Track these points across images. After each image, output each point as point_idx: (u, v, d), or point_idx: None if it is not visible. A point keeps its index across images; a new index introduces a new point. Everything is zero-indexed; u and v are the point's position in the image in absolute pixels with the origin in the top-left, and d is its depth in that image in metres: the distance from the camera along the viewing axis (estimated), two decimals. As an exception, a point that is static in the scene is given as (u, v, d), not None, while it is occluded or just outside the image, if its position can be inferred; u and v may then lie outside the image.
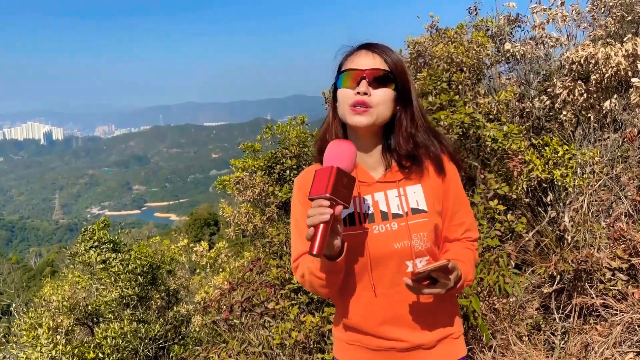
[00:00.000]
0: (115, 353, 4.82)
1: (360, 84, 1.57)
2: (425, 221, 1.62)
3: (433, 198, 1.65)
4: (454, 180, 1.69)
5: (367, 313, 1.64)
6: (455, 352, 1.70)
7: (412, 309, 1.63)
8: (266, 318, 3.74)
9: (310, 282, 1.62)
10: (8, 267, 29.93)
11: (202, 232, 37.88)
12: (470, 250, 1.72)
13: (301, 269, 1.65)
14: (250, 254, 7.06)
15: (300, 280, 1.68)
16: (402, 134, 1.63)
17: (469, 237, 1.73)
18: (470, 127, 4.08)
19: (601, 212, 4.17)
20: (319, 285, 1.59)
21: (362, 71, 1.57)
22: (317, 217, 1.40)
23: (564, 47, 5.35)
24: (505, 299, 3.68)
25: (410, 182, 1.65)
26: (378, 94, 1.57)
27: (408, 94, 1.63)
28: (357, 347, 1.70)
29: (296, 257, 1.69)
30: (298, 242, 1.70)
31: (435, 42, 5.26)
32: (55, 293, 6.37)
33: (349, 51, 1.67)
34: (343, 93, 1.60)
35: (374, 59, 1.60)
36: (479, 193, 3.85)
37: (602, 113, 4.80)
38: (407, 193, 1.64)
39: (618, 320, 3.39)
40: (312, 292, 1.70)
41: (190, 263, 9.54)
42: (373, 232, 1.60)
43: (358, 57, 1.62)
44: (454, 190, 1.69)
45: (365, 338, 1.67)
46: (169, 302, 6.55)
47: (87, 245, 5.84)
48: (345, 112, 1.60)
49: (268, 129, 6.34)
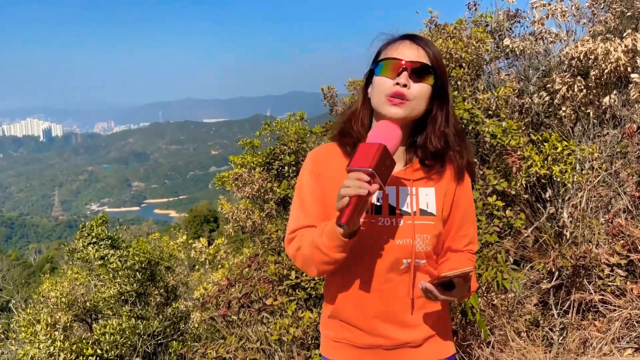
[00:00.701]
0: (113, 349, 4.82)
1: (401, 75, 1.52)
2: (431, 224, 1.60)
3: (443, 204, 1.63)
4: (467, 191, 1.68)
5: (359, 305, 1.61)
6: (442, 350, 1.68)
7: (403, 306, 1.61)
8: (264, 314, 3.73)
9: (309, 256, 1.54)
10: (7, 263, 29.89)
11: (201, 228, 37.90)
12: (471, 262, 1.71)
13: (298, 241, 1.59)
14: (250, 251, 7.07)
15: (293, 253, 1.61)
16: (436, 131, 1.59)
17: (471, 250, 1.73)
18: (469, 123, 4.06)
19: (600, 208, 4.16)
20: (321, 262, 1.51)
21: (405, 62, 1.53)
22: (354, 188, 1.36)
23: (564, 43, 5.33)
24: (503, 294, 3.68)
25: (424, 184, 1.62)
26: (417, 87, 1.53)
27: (445, 92, 1.60)
28: (344, 345, 1.67)
29: (294, 228, 1.62)
30: (299, 213, 1.64)
31: (434, 38, 5.24)
32: (53, 289, 6.36)
33: (389, 39, 1.62)
34: (381, 81, 1.55)
35: (417, 51, 1.55)
36: (478, 189, 3.84)
37: (602, 109, 4.79)
38: (419, 194, 1.61)
39: (616, 316, 3.39)
40: (303, 268, 1.59)
41: (190, 259, 9.54)
42: (378, 223, 1.57)
43: (402, 47, 1.56)
44: (466, 201, 1.68)
45: (352, 334, 1.64)
46: (168, 298, 6.55)
47: (86, 242, 5.83)
48: (381, 101, 1.55)
49: (267, 126, 6.33)
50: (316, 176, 1.64)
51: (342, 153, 1.65)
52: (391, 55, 1.56)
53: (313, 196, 1.63)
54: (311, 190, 1.64)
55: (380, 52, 1.62)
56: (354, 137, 1.63)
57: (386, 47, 1.60)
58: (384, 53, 1.59)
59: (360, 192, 1.36)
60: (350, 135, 1.65)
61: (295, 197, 1.69)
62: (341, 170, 1.54)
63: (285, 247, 1.66)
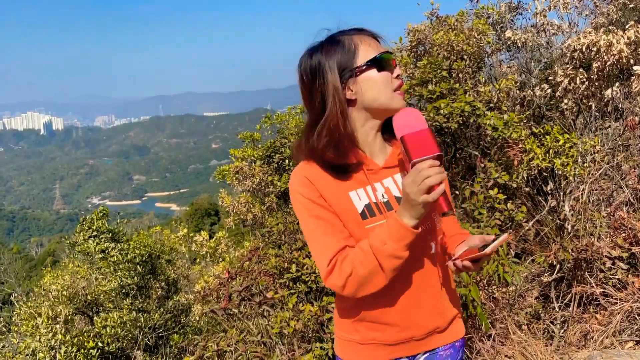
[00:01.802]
0: (114, 342, 4.83)
1: (397, 68, 1.54)
2: None
3: None
4: None
5: (392, 300, 1.55)
6: (461, 330, 1.72)
7: (431, 293, 1.60)
8: (265, 307, 3.73)
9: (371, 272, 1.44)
10: (9, 257, 30.01)
11: (202, 222, 37.96)
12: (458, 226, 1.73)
13: (346, 267, 1.46)
14: (250, 244, 7.07)
15: (342, 282, 1.46)
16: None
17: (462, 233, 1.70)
18: (470, 116, 4.04)
19: (602, 201, 4.15)
20: (392, 269, 1.43)
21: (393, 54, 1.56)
22: (438, 175, 1.33)
23: (566, 35, 5.30)
24: (504, 287, 3.67)
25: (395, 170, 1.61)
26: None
27: None
28: (374, 346, 1.60)
29: (331, 257, 1.48)
30: (326, 240, 1.50)
31: (435, 30, 5.20)
32: (55, 282, 6.37)
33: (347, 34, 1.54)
34: (387, 77, 1.52)
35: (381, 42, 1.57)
36: (479, 182, 3.83)
37: (604, 101, 4.76)
38: (397, 180, 1.60)
39: (618, 309, 3.39)
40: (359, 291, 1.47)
41: (191, 253, 9.55)
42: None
43: (372, 40, 1.54)
44: None
45: (383, 333, 1.58)
46: (169, 291, 6.56)
47: (86, 235, 5.84)
48: (390, 96, 1.52)
49: (267, 119, 6.31)
50: (319, 199, 1.53)
51: (321, 168, 1.55)
52: (376, 49, 1.52)
53: (328, 221, 1.52)
54: (322, 216, 1.53)
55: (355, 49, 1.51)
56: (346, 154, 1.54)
57: (359, 43, 1.52)
58: (362, 49, 1.51)
59: (443, 177, 1.35)
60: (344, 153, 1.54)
61: (308, 232, 1.55)
62: (335, 184, 1.52)
63: (327, 281, 1.50)
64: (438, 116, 4.03)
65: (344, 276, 1.45)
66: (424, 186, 1.33)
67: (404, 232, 1.40)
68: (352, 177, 1.55)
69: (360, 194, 1.54)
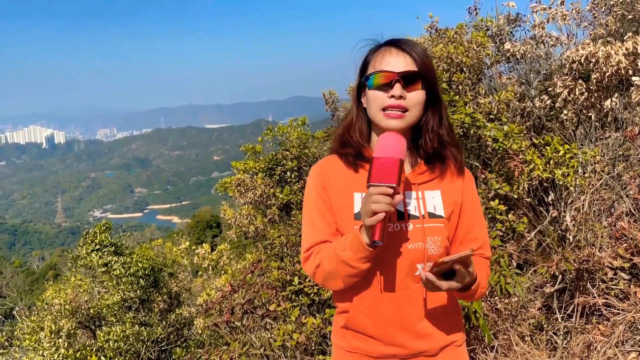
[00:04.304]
0: (117, 356, 4.82)
1: (395, 88, 1.52)
2: (441, 227, 1.59)
3: (452, 206, 1.63)
4: (471, 189, 1.68)
5: (374, 314, 1.59)
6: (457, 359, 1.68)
7: (418, 313, 1.59)
8: (267, 320, 3.73)
9: (333, 271, 1.53)
10: (11, 270, 29.96)
11: (204, 234, 37.88)
12: (483, 264, 1.67)
13: (316, 258, 1.58)
14: (252, 256, 7.06)
15: (312, 270, 1.60)
16: (429, 132, 1.61)
17: (482, 254, 1.69)
18: (470, 127, 4.07)
19: (603, 211, 4.16)
20: (348, 275, 1.51)
21: (396, 74, 1.52)
22: (384, 205, 1.39)
23: (565, 46, 5.34)
24: (507, 299, 3.67)
25: (430, 187, 1.62)
26: (412, 96, 1.54)
27: (436, 92, 1.61)
28: (359, 355, 1.64)
29: (308, 247, 1.62)
30: (310, 231, 1.63)
31: (434, 43, 5.25)
32: (57, 296, 6.37)
33: (374, 47, 1.61)
34: (375, 95, 1.55)
35: (405, 59, 1.54)
36: (480, 193, 3.84)
37: (603, 112, 4.79)
38: (426, 197, 1.61)
39: (620, 319, 3.38)
40: (325, 284, 1.60)
41: (193, 265, 9.53)
42: (388, 230, 1.53)
43: (389, 57, 1.55)
44: (471, 202, 1.67)
45: (367, 344, 1.61)
46: (171, 304, 6.56)
47: (89, 249, 5.85)
48: (378, 115, 1.56)
49: (269, 131, 6.34)
50: (322, 190, 1.64)
51: (344, 164, 1.66)
52: (380, 66, 1.55)
53: (320, 211, 1.63)
54: (318, 206, 1.64)
55: (367, 61, 1.61)
56: (354, 148, 1.64)
57: (373, 56, 1.59)
58: (372, 63, 1.58)
59: (390, 209, 1.40)
60: (350, 146, 1.65)
61: (304, 215, 1.69)
62: (345, 180, 1.62)
63: (303, 266, 1.65)
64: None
65: (313, 266, 1.59)
66: (369, 209, 1.40)
67: (358, 245, 1.46)
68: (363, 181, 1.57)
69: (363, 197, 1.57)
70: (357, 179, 1.62)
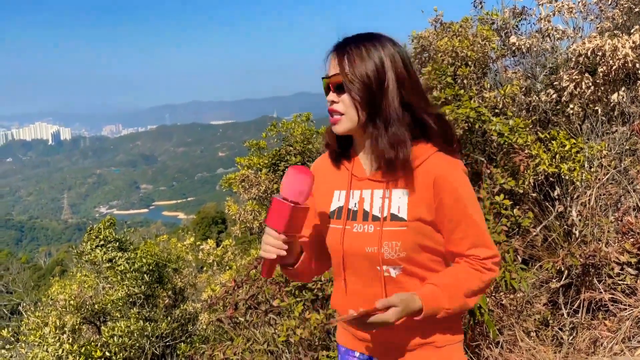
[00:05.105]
0: (122, 352, 4.83)
1: (329, 93, 1.53)
2: (402, 230, 1.50)
3: (420, 207, 1.50)
4: (449, 190, 1.50)
5: (342, 307, 1.64)
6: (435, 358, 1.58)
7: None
8: (271, 315, 3.73)
9: None
10: (18, 266, 30.17)
11: (209, 230, 38.00)
12: (472, 272, 1.51)
13: None
14: (257, 252, 7.06)
15: None
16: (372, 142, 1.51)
17: (477, 256, 1.51)
18: (475, 122, 4.04)
19: (609, 206, 4.12)
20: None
21: (328, 78, 1.52)
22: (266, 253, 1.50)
23: (571, 40, 5.29)
24: (512, 294, 3.65)
25: (399, 186, 1.53)
26: (344, 99, 1.51)
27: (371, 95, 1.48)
28: (348, 333, 1.69)
29: None
30: None
31: (439, 36, 5.21)
32: (62, 292, 6.39)
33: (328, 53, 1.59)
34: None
35: (334, 62, 1.51)
36: (485, 188, 3.81)
37: (610, 106, 4.75)
38: (392, 197, 1.53)
39: (627, 315, 3.35)
40: None
41: (198, 261, 9.56)
42: (352, 230, 1.56)
43: (329, 61, 1.54)
44: (449, 200, 1.50)
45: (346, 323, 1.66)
46: (176, 300, 6.57)
47: (93, 244, 5.86)
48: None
49: (273, 127, 6.33)
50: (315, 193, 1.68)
51: (330, 160, 1.68)
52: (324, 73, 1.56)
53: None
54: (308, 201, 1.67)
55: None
56: (331, 146, 1.66)
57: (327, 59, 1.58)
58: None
59: (272, 256, 1.49)
60: (329, 146, 1.68)
61: None
62: (329, 177, 1.67)
63: None
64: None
65: None
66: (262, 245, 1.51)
67: None
68: (342, 178, 1.63)
69: (340, 195, 1.63)
70: (339, 176, 1.64)
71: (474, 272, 1.51)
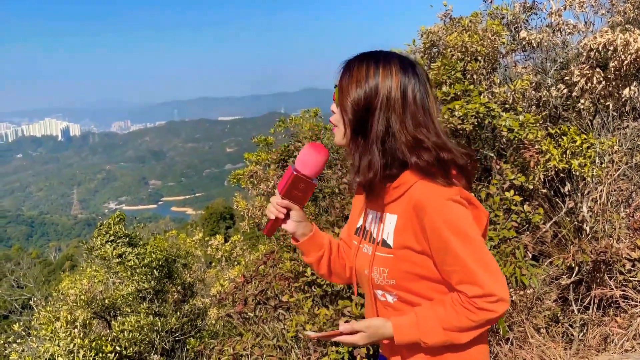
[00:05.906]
0: (132, 346, 4.86)
1: (333, 103, 1.56)
2: (388, 257, 1.47)
3: (407, 235, 1.44)
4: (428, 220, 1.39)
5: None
6: None
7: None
8: (280, 311, 3.74)
9: None
10: (28, 261, 30.43)
11: (218, 225, 38.12)
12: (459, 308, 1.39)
13: None
14: (265, 247, 7.08)
15: None
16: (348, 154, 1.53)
17: (465, 293, 1.38)
18: (485, 117, 4.01)
19: (620, 202, 4.09)
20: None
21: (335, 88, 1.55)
22: (268, 212, 1.65)
23: (582, 34, 5.24)
24: (522, 290, 3.63)
25: (391, 209, 1.49)
26: (337, 113, 1.52)
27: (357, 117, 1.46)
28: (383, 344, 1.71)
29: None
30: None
31: (449, 31, 5.18)
32: (73, 287, 6.44)
33: None
34: None
35: (339, 78, 1.52)
36: (495, 184, 3.79)
37: (621, 101, 4.70)
38: (385, 221, 1.50)
39: (638, 311, 3.33)
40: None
41: (206, 256, 9.59)
42: (362, 250, 1.60)
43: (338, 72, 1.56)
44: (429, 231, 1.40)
45: None
46: (185, 295, 6.60)
47: (103, 240, 5.89)
48: None
49: (281, 122, 6.33)
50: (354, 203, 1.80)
51: None
52: None
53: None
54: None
55: None
56: None
57: None
58: None
59: (268, 215, 1.65)
60: None
61: None
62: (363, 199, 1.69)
63: None
64: (452, 118, 4.01)
65: None
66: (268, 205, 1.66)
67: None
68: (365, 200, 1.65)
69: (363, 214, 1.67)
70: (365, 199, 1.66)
71: (461, 309, 1.39)
